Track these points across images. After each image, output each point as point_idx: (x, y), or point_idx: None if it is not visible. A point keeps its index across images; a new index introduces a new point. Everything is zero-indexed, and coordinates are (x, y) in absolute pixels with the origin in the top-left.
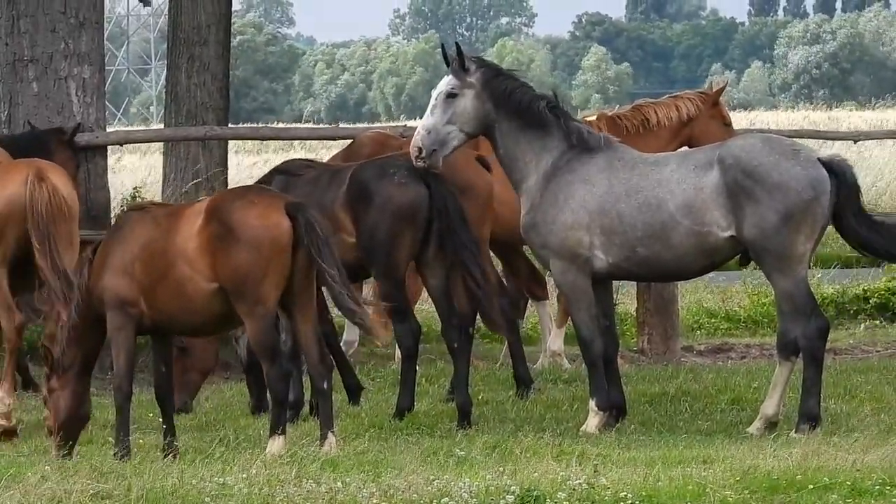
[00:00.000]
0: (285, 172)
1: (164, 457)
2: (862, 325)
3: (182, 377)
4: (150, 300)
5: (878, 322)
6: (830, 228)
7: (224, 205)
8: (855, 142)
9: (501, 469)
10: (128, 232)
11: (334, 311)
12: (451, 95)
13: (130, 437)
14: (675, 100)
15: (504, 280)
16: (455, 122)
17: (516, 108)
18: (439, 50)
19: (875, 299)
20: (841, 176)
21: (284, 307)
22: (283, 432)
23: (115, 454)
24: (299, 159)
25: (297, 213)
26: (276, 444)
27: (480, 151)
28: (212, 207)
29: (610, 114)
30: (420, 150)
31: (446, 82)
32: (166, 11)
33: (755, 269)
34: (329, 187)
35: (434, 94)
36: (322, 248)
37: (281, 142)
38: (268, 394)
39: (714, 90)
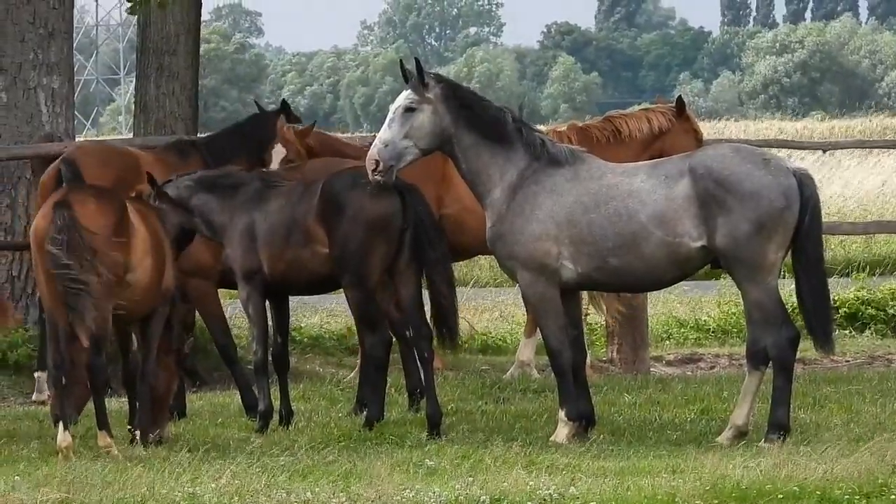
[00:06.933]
0: (262, 181)
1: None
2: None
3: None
4: None
5: (847, 332)
6: None
7: None
8: (824, 151)
9: (471, 479)
10: None
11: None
12: (409, 110)
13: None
14: (647, 112)
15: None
16: (412, 137)
17: (477, 122)
18: (410, 62)
19: (845, 309)
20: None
21: None
22: None
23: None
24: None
25: None
26: None
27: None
28: None
29: (581, 125)
30: (377, 163)
31: (405, 96)
32: (135, 21)
33: (725, 278)
34: (302, 198)
35: (392, 107)
36: None
37: None
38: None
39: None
